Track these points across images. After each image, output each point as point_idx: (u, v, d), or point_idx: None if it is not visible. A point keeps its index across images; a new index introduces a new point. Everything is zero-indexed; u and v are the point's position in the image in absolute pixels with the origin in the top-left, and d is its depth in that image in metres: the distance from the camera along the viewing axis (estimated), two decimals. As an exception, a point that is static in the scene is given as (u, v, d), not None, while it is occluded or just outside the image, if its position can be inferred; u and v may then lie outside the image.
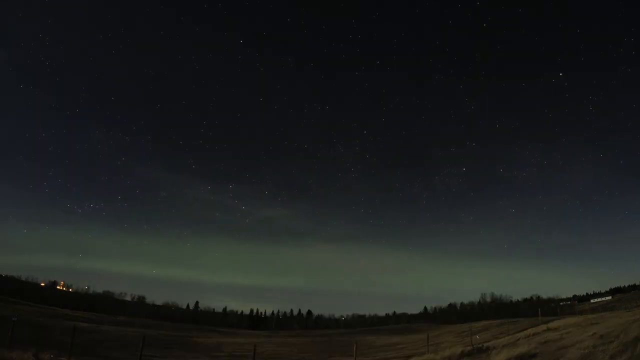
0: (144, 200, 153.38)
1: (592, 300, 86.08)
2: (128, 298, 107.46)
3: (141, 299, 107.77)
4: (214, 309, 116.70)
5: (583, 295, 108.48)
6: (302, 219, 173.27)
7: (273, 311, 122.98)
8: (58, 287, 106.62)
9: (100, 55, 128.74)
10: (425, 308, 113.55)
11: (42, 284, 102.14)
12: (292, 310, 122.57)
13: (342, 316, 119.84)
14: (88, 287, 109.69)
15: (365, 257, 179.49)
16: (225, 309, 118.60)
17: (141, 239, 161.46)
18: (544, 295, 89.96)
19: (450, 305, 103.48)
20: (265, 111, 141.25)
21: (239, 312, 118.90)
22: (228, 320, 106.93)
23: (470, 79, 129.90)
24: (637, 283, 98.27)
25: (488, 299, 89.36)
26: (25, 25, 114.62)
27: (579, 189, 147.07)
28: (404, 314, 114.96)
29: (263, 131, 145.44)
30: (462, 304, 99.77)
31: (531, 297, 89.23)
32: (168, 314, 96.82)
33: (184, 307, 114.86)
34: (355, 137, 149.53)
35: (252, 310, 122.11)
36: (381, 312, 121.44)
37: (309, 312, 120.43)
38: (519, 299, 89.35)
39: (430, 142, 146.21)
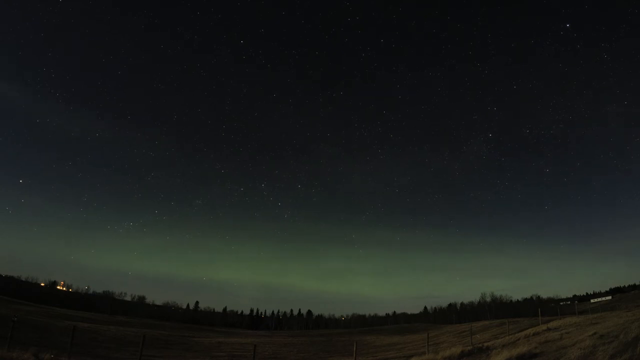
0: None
1: (592, 300, 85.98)
2: (128, 298, 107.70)
3: (141, 299, 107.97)
4: (214, 309, 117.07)
5: (583, 295, 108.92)
6: (335, 209, 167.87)
7: (273, 311, 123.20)
8: (58, 287, 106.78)
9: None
10: (425, 308, 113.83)
11: (42, 284, 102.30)
12: (292, 310, 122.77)
13: (342, 316, 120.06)
14: (88, 287, 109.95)
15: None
16: (225, 309, 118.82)
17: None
18: (544, 295, 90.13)
19: (450, 305, 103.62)
20: (279, 106, 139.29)
21: (239, 312, 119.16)
22: (228, 320, 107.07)
23: (477, 43, 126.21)
24: (637, 283, 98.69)
25: (488, 299, 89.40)
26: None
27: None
28: (404, 314, 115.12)
29: (281, 126, 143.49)
30: (462, 304, 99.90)
31: (531, 297, 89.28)
32: (168, 314, 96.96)
33: (184, 307, 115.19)
34: (376, 119, 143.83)
35: (252, 310, 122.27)
36: (381, 312, 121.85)
37: (309, 312, 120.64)
38: (519, 299, 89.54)
39: (450, 113, 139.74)
